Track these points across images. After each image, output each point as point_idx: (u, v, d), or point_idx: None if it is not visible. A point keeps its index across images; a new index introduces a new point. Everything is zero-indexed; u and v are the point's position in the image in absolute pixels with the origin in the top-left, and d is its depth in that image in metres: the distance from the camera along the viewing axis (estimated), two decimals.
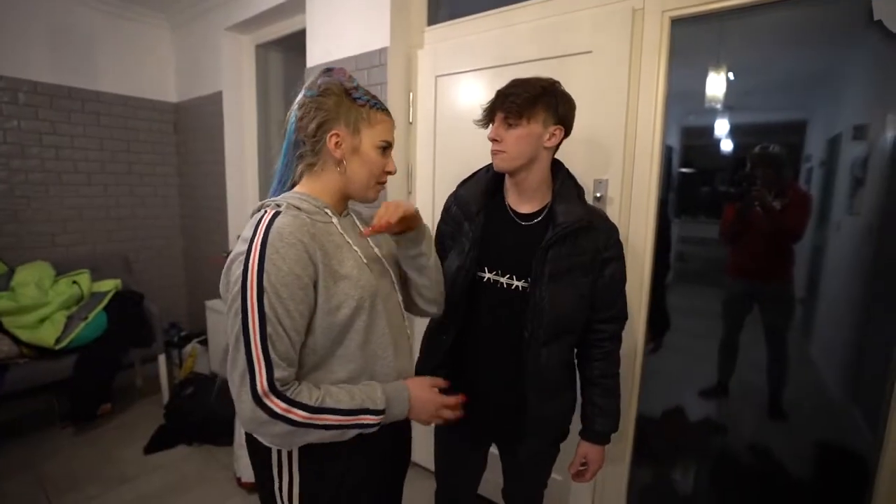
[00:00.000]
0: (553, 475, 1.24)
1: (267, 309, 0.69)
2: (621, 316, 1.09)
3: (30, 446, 2.22)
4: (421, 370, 1.20)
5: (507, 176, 1.07)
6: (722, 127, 1.54)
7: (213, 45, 2.65)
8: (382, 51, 1.75)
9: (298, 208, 0.78)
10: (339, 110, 0.80)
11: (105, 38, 2.72)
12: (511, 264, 1.03)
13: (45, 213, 2.61)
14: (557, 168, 1.07)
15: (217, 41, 2.61)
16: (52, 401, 2.38)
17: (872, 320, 1.34)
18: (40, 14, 2.46)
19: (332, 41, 1.92)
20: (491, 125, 1.01)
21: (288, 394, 0.70)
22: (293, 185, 0.86)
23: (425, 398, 0.85)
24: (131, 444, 2.26)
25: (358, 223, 0.93)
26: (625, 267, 1.07)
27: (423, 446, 2.03)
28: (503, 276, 1.03)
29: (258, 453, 0.84)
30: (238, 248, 0.74)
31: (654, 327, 1.52)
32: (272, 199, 0.81)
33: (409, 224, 0.87)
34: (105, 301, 2.40)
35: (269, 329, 0.69)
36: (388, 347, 0.84)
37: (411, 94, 1.84)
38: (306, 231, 0.74)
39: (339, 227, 0.83)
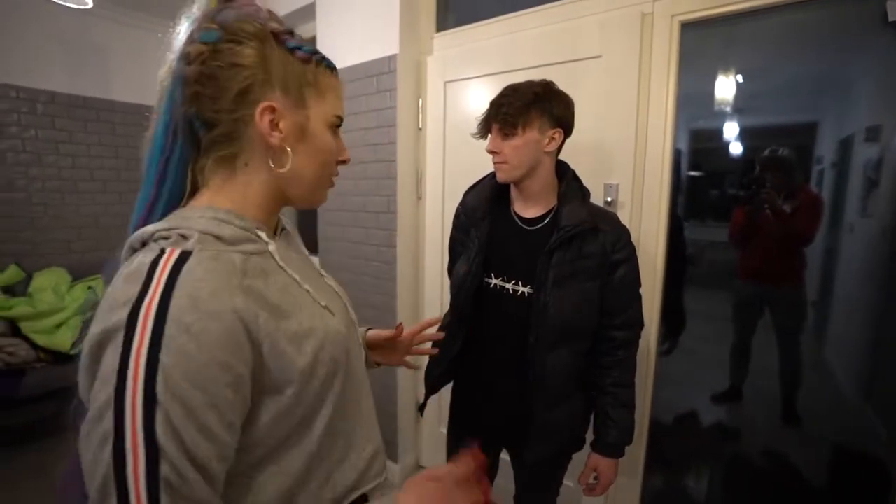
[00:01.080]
0: (566, 482, 1.24)
1: (161, 434, 0.38)
2: (635, 322, 1.04)
3: (45, 450, 2.25)
4: (427, 377, 1.20)
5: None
6: (731, 130, 1.54)
7: None
8: (392, 57, 1.77)
9: (219, 238, 0.48)
10: (268, 67, 0.51)
11: (119, 48, 2.77)
12: (517, 270, 1.02)
13: (61, 220, 2.66)
14: (563, 170, 1.06)
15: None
16: (67, 405, 2.41)
17: (888, 322, 1.33)
18: (57, 27, 2.52)
19: (341, 48, 1.94)
20: (489, 136, 1.00)
21: None
22: (191, 194, 0.54)
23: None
24: None
25: (296, 239, 0.67)
26: (637, 270, 1.04)
27: (432, 449, 2.04)
28: (509, 282, 1.03)
29: None
30: (108, 314, 0.41)
31: (668, 328, 1.51)
32: (168, 224, 0.48)
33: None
34: None
35: (163, 471, 0.38)
36: (361, 421, 0.61)
37: (420, 100, 1.85)
38: (237, 285, 0.45)
39: (276, 257, 0.53)
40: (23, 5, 2.39)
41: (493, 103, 0.98)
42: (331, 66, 0.58)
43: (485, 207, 1.07)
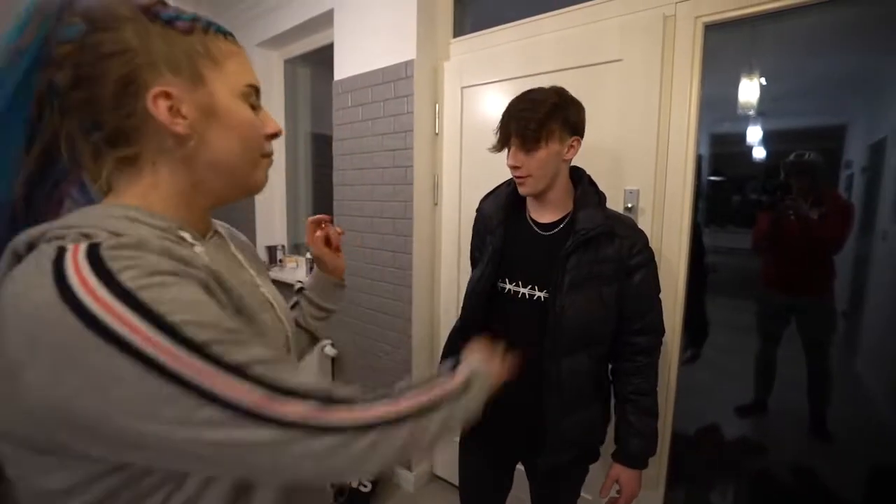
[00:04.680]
0: (583, 495, 1.21)
1: (227, 356, 0.37)
2: (655, 329, 1.04)
3: None
4: None
5: None
6: (754, 134, 1.50)
7: None
8: (409, 63, 1.77)
9: (127, 241, 0.39)
10: (148, 48, 0.44)
11: None
12: (533, 275, 1.01)
13: None
14: (578, 175, 1.05)
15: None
16: None
17: None
18: None
19: (358, 54, 1.96)
20: (507, 150, 0.99)
21: (333, 395, 0.42)
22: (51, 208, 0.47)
23: (493, 374, 0.61)
24: None
25: (231, 245, 0.60)
26: (656, 275, 1.03)
27: (447, 458, 2.02)
28: (525, 286, 1.02)
29: None
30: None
31: (690, 337, 1.48)
32: (55, 224, 0.40)
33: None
34: None
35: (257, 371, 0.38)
36: None
37: (437, 106, 1.85)
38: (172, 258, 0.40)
39: (204, 258, 0.47)
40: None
41: (510, 117, 0.95)
42: (223, 32, 0.51)
43: (501, 214, 1.06)
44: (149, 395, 0.34)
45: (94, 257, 0.35)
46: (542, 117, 0.91)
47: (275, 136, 0.55)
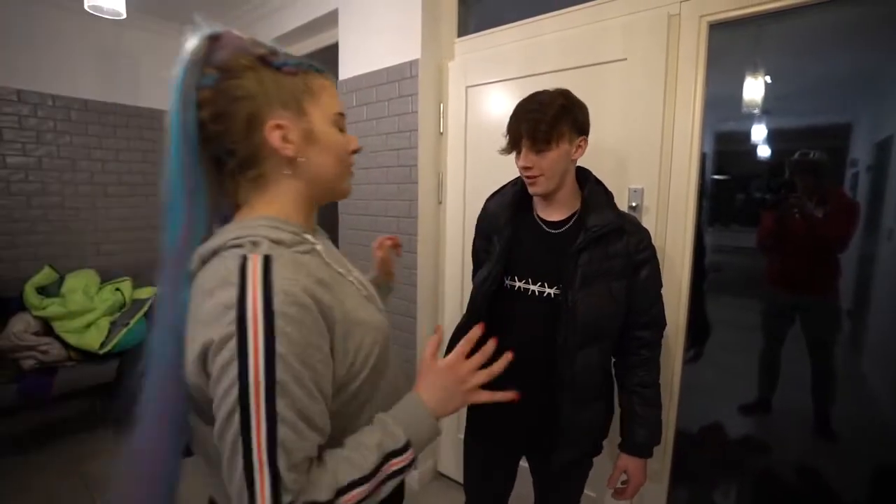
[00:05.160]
0: (587, 491, 1.21)
1: (282, 407, 0.49)
2: (659, 322, 1.07)
3: (75, 446, 2.32)
4: None
5: None
6: (759, 132, 1.50)
7: None
8: (413, 63, 1.78)
9: (280, 242, 0.55)
10: (266, 91, 0.57)
11: (147, 56, 2.86)
12: (542, 272, 1.02)
13: (92, 223, 2.75)
14: (584, 175, 1.07)
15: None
16: (96, 403, 2.48)
17: None
18: (91, 36, 2.62)
19: (363, 54, 1.96)
20: (516, 152, 1.00)
21: (299, 501, 0.50)
22: (223, 216, 0.62)
23: (440, 385, 0.63)
24: None
25: (328, 240, 0.74)
26: (659, 270, 1.05)
27: (451, 458, 2.03)
28: (534, 284, 1.03)
29: None
30: (217, 318, 0.49)
31: (693, 338, 1.48)
32: (235, 232, 0.55)
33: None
34: (145, 308, 2.50)
35: (281, 433, 0.49)
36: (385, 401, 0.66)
37: (442, 105, 1.86)
38: (315, 278, 0.54)
39: (324, 255, 0.62)
40: (62, 18, 2.49)
41: (520, 119, 0.97)
42: (319, 70, 0.63)
43: (507, 213, 1.07)
44: (227, 398, 0.49)
45: (267, 275, 0.50)
46: (552, 119, 0.93)
47: (357, 151, 0.68)
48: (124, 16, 1.94)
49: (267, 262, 0.51)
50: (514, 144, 1.00)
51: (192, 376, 0.53)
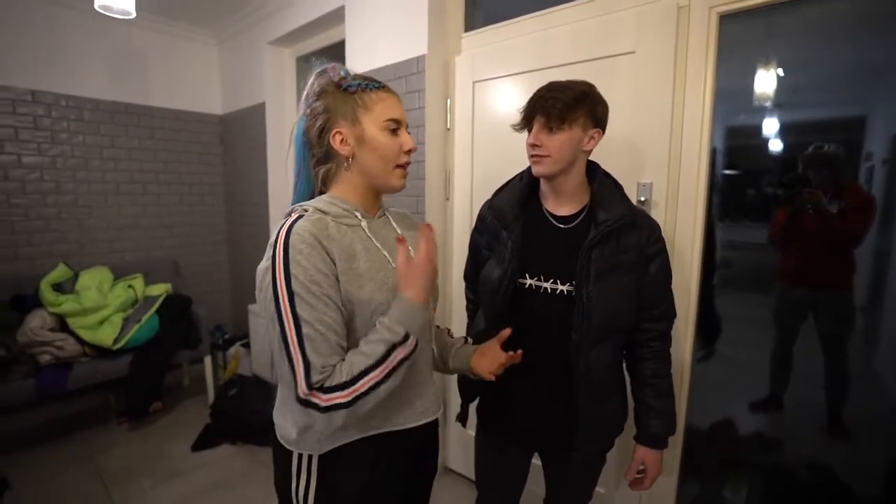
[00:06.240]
0: (598, 488, 1.21)
1: (301, 311, 0.69)
2: (669, 314, 1.06)
3: (89, 440, 2.37)
4: (463, 384, 1.20)
5: (543, 181, 1.06)
6: (771, 126, 1.47)
7: (256, 59, 2.77)
8: (420, 58, 1.78)
9: (324, 212, 0.78)
10: (335, 107, 0.79)
11: (157, 55, 2.90)
12: (553, 269, 1.01)
13: (105, 221, 2.79)
14: (593, 169, 1.06)
15: (260, 55, 2.73)
16: (109, 397, 2.53)
17: None
18: (102, 37, 2.65)
19: (370, 50, 1.97)
20: (528, 131, 1.00)
21: (326, 384, 0.69)
22: (320, 193, 0.85)
23: (416, 280, 0.75)
24: (180, 440, 2.37)
25: (394, 223, 0.91)
26: (669, 263, 1.04)
27: (460, 454, 2.03)
28: (546, 280, 1.02)
29: (280, 457, 0.84)
30: (266, 255, 0.74)
31: (704, 334, 1.46)
32: (301, 204, 0.81)
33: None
34: (157, 304, 2.53)
35: (305, 331, 0.69)
36: (411, 381, 0.84)
37: (449, 101, 1.86)
38: (326, 233, 0.74)
39: (366, 229, 0.82)
40: (70, 19, 2.52)
41: (538, 97, 0.97)
42: (377, 87, 0.82)
43: (516, 208, 1.06)
44: (269, 308, 0.72)
45: (292, 225, 0.73)
46: (570, 101, 0.93)
47: (410, 151, 0.84)
48: (133, 15, 1.96)
49: (298, 218, 0.74)
50: (527, 121, 0.99)
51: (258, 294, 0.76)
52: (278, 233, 0.72)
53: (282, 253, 0.70)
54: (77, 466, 2.15)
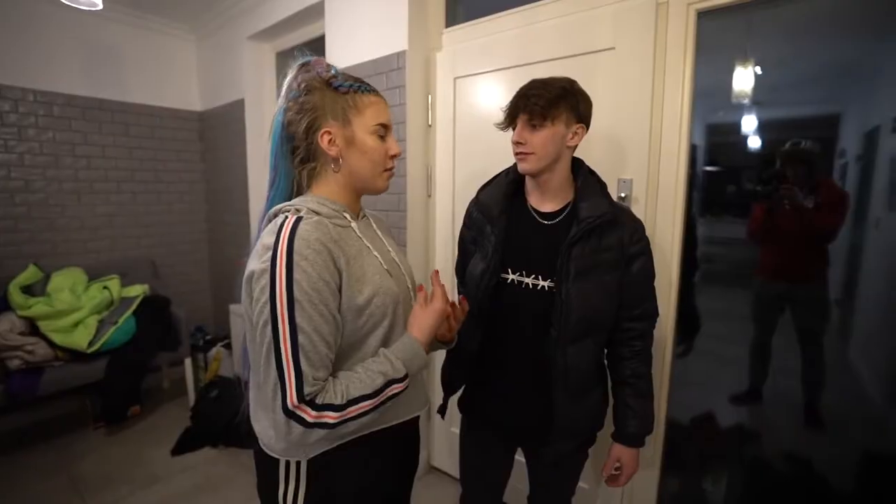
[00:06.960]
0: (580, 483, 1.21)
1: (299, 320, 0.67)
2: (651, 313, 1.06)
3: (63, 446, 2.30)
4: (446, 377, 1.20)
5: (528, 177, 1.06)
6: (749, 123, 1.49)
7: (235, 55, 2.71)
8: (400, 54, 1.75)
9: (318, 213, 0.75)
10: (324, 105, 0.77)
11: (133, 50, 2.81)
12: (536, 264, 1.01)
13: (78, 220, 2.71)
14: (577, 166, 1.06)
15: (239, 50, 2.67)
16: (85, 402, 2.45)
17: None
18: (74, 30, 2.56)
19: (350, 46, 1.94)
20: (512, 128, 1.00)
21: (317, 400, 0.67)
22: (299, 192, 0.83)
23: (428, 324, 0.80)
24: (159, 445, 2.31)
25: (374, 224, 0.91)
26: (652, 262, 1.04)
27: (444, 451, 2.03)
28: (528, 276, 1.02)
29: (264, 463, 0.81)
30: (260, 255, 0.70)
31: (683, 329, 1.48)
32: (290, 203, 0.77)
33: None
34: (134, 306, 2.46)
35: (301, 340, 0.67)
36: None
37: (430, 97, 1.84)
38: (330, 237, 0.72)
39: (357, 231, 0.80)
40: (39, 11, 2.43)
41: (520, 94, 0.97)
42: (368, 90, 0.80)
43: (501, 203, 1.06)
44: (263, 313, 0.68)
45: (294, 228, 0.69)
46: (552, 97, 0.93)
47: (395, 156, 0.84)
48: (100, 6, 1.89)
49: (298, 220, 0.71)
50: (510, 119, 0.99)
51: (242, 297, 0.74)
52: (278, 235, 0.69)
53: (284, 257, 0.67)
54: (49, 474, 2.08)
